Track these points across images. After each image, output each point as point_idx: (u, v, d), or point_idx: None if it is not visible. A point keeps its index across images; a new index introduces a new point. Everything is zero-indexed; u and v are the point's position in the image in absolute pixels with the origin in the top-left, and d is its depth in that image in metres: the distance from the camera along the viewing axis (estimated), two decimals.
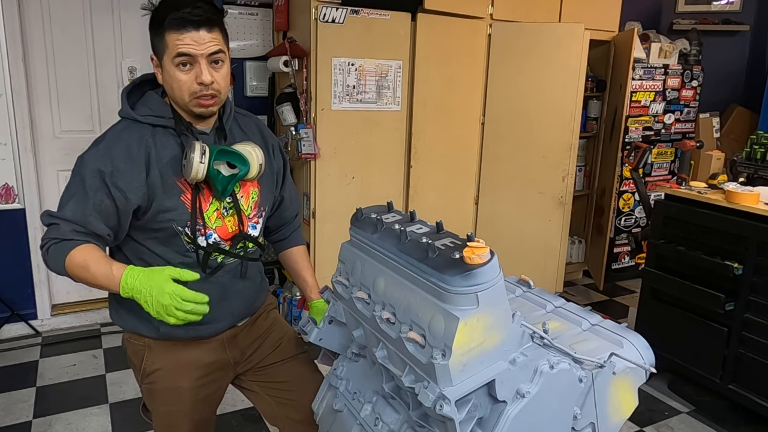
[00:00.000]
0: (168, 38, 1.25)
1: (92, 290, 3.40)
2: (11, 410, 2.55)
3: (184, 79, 1.27)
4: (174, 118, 1.34)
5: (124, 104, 1.35)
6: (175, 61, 1.26)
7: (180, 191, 1.33)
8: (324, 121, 3.00)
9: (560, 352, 1.08)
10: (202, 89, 1.28)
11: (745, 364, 2.46)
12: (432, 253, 1.02)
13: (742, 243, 2.42)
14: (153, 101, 1.36)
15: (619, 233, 4.20)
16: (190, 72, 1.27)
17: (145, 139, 1.31)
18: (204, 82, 1.27)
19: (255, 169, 1.36)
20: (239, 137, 1.44)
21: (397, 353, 1.10)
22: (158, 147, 1.32)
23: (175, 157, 1.32)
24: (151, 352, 1.44)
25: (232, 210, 1.40)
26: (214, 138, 1.40)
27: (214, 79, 1.28)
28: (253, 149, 1.36)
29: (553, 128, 3.49)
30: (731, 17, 4.69)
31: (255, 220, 1.47)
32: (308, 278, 1.63)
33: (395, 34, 3.08)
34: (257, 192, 1.46)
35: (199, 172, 1.27)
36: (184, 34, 1.24)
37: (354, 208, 1.30)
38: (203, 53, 1.26)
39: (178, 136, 1.34)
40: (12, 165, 3.05)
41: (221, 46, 1.29)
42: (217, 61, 1.29)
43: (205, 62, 1.27)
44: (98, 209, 1.26)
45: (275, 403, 1.57)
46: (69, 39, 3.14)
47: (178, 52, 1.25)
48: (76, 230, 1.25)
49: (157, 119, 1.33)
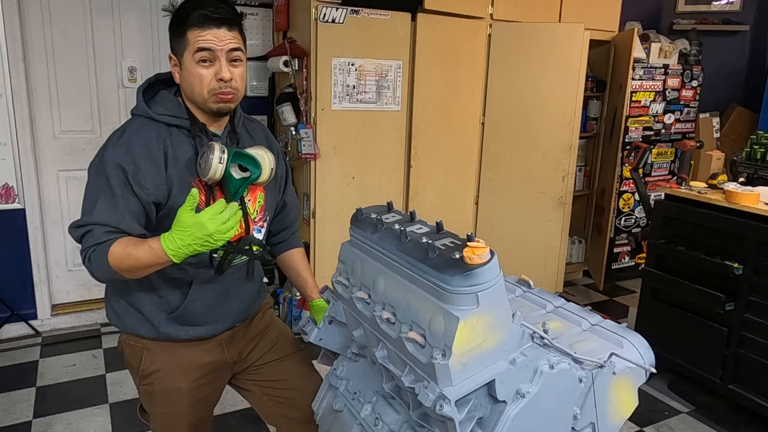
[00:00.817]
0: (190, 35, 1.27)
1: (92, 290, 3.42)
2: (11, 410, 2.54)
3: (204, 74, 1.29)
4: (189, 118, 1.35)
5: (140, 102, 1.35)
6: (196, 56, 1.28)
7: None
8: (324, 121, 3.00)
9: (560, 352, 1.08)
10: (221, 86, 1.30)
11: (745, 364, 2.46)
12: (432, 253, 1.02)
13: (742, 243, 2.42)
14: (168, 100, 1.36)
15: (619, 233, 4.20)
16: (210, 68, 1.29)
17: (162, 137, 1.32)
18: (224, 78, 1.29)
19: (267, 173, 1.36)
20: (248, 142, 1.46)
21: (397, 353, 1.10)
22: (174, 146, 1.33)
23: (190, 157, 1.33)
24: (149, 353, 1.44)
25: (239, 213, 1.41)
26: (227, 141, 1.41)
27: (233, 76, 1.31)
28: (266, 153, 1.37)
29: (553, 128, 3.49)
30: (731, 17, 4.69)
31: (260, 224, 1.48)
32: (308, 278, 1.64)
33: (395, 34, 3.08)
34: (263, 197, 1.47)
35: (217, 173, 1.27)
36: (206, 30, 1.27)
37: (354, 208, 1.30)
38: (223, 49, 1.28)
39: (193, 138, 1.34)
40: (12, 165, 3.05)
41: (240, 45, 1.32)
42: (236, 60, 1.31)
43: (224, 59, 1.29)
44: (128, 208, 1.26)
45: (272, 402, 1.58)
46: (69, 39, 3.14)
47: (199, 47, 1.27)
48: (109, 231, 1.24)
49: (172, 119, 1.34)
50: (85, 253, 1.25)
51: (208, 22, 1.26)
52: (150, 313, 1.41)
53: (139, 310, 1.41)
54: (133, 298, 1.41)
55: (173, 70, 1.35)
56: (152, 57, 3.32)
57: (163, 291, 1.40)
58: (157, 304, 1.41)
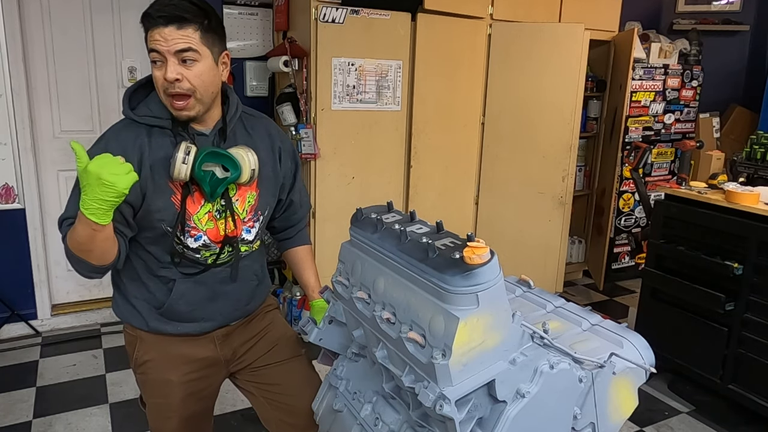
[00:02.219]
0: (147, 35, 1.26)
1: (92, 290, 3.43)
2: (11, 410, 2.55)
3: (157, 75, 1.28)
4: (171, 118, 1.34)
5: (124, 103, 1.36)
6: (149, 57, 1.27)
7: (171, 192, 1.33)
8: (324, 121, 3.00)
9: (560, 352, 1.08)
10: (169, 86, 1.26)
11: (745, 364, 2.46)
12: (432, 253, 1.02)
13: (742, 243, 2.42)
14: (154, 102, 1.36)
15: (619, 233, 4.20)
16: (161, 69, 1.26)
17: (140, 139, 1.31)
18: (167, 78, 1.25)
19: (246, 174, 1.34)
20: (242, 139, 1.42)
21: (397, 353, 1.10)
22: (153, 147, 1.32)
23: (168, 157, 1.31)
24: (142, 342, 1.47)
25: (226, 213, 1.40)
26: (214, 139, 1.38)
27: (185, 77, 1.26)
28: (246, 153, 1.34)
29: (553, 128, 3.49)
30: (731, 17, 4.69)
31: (250, 224, 1.45)
32: (311, 278, 1.63)
33: (395, 34, 3.08)
34: (254, 196, 1.44)
35: (182, 173, 1.26)
36: (154, 30, 1.24)
37: (354, 208, 1.29)
38: (169, 50, 1.24)
39: (174, 137, 1.33)
40: (12, 165, 3.05)
41: (192, 44, 1.25)
42: (189, 60, 1.25)
43: (173, 59, 1.24)
44: None
45: (270, 405, 1.57)
46: (69, 39, 3.14)
47: (149, 47, 1.26)
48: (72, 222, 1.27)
49: (153, 119, 1.33)
50: (63, 241, 1.28)
51: (154, 21, 1.23)
52: (141, 306, 1.43)
53: (132, 304, 1.44)
54: (127, 291, 1.44)
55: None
56: None
57: (151, 286, 1.42)
58: (147, 299, 1.43)
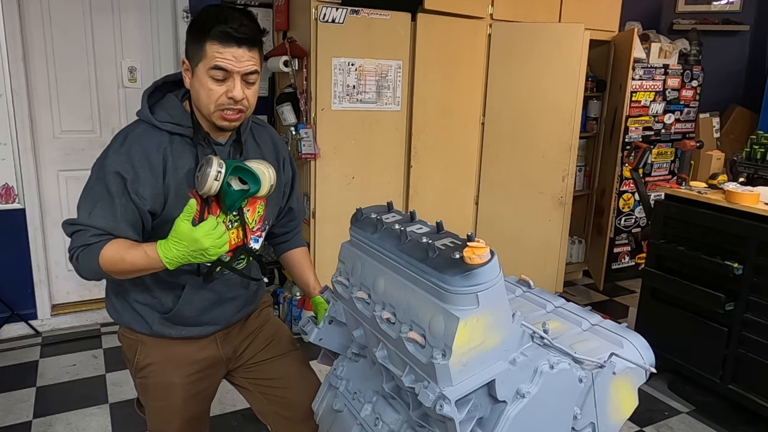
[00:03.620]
0: (209, 48, 1.24)
1: (92, 290, 3.42)
2: (11, 410, 2.54)
3: (215, 89, 1.27)
4: (192, 127, 1.34)
5: (144, 107, 1.34)
6: (211, 72, 1.26)
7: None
8: (324, 121, 3.00)
9: (560, 352, 1.08)
10: (230, 103, 1.28)
11: (745, 364, 2.46)
12: (432, 253, 1.02)
13: (742, 243, 2.42)
14: (173, 106, 1.35)
15: (619, 233, 4.20)
16: (222, 85, 1.27)
17: (163, 147, 1.31)
18: (235, 98, 1.27)
19: (266, 189, 1.36)
20: (253, 150, 1.45)
21: (397, 353, 1.10)
22: (175, 156, 1.32)
23: (190, 167, 1.32)
24: (144, 346, 1.46)
25: (237, 223, 1.41)
26: (230, 150, 1.40)
27: (246, 96, 1.29)
28: (267, 169, 1.36)
29: (553, 128, 3.49)
30: (731, 17, 4.69)
31: (258, 233, 1.47)
32: (310, 277, 1.65)
33: (395, 34, 3.08)
34: (263, 206, 1.46)
35: (213, 188, 1.26)
36: (226, 48, 1.24)
37: (354, 208, 1.30)
38: (240, 71, 1.26)
39: (195, 147, 1.34)
40: (12, 165, 3.05)
41: (257, 66, 1.30)
42: (249, 80, 1.30)
43: (239, 79, 1.27)
44: (125, 217, 1.27)
45: (266, 400, 1.58)
46: (69, 39, 3.14)
47: (215, 64, 1.25)
48: (101, 234, 1.26)
49: (175, 127, 1.33)
50: (74, 252, 1.26)
51: (230, 40, 1.23)
52: (144, 311, 1.43)
53: (134, 308, 1.43)
54: (129, 296, 1.43)
55: (185, 74, 1.33)
56: (152, 57, 3.32)
57: (156, 292, 1.41)
58: (151, 304, 1.42)
